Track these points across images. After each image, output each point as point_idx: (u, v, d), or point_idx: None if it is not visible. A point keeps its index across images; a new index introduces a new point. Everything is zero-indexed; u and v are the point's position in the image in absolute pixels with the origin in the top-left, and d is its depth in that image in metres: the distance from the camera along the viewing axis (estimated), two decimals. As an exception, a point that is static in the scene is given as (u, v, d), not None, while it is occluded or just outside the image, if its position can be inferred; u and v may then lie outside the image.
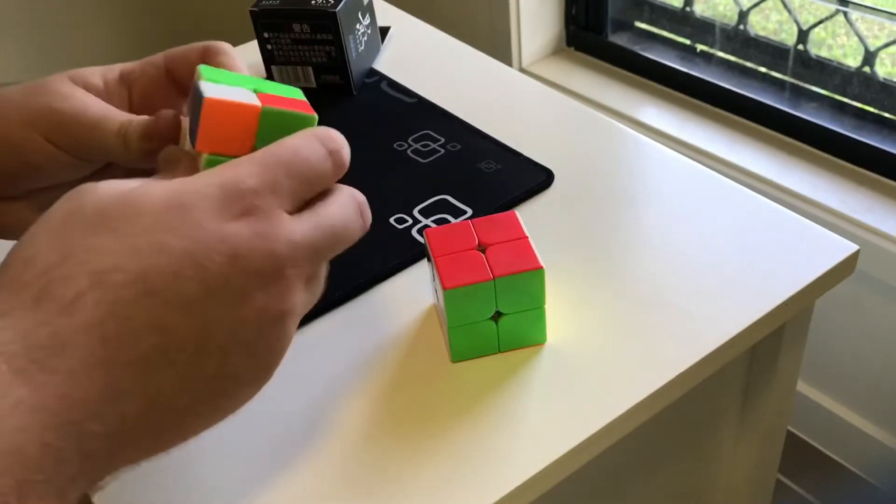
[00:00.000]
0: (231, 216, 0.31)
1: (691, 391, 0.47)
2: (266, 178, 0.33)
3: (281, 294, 0.32)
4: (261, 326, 0.32)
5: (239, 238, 0.31)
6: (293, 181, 0.33)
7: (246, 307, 0.31)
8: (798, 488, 1.29)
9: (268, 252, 0.31)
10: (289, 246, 0.32)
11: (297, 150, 0.34)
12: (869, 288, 1.13)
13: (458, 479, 0.42)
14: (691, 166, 0.60)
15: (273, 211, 0.32)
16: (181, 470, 0.44)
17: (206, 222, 0.31)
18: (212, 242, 0.31)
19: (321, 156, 0.35)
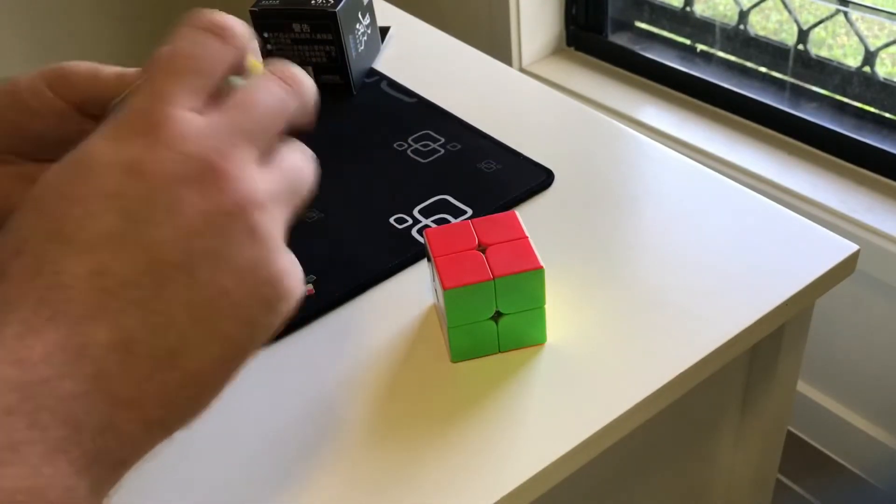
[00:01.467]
0: (129, 140, 0.29)
1: (691, 391, 0.47)
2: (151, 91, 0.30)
3: (221, 188, 0.29)
4: (218, 229, 0.29)
5: (143, 154, 0.29)
6: (179, 79, 0.30)
7: (184, 215, 0.28)
8: (798, 488, 1.29)
9: (180, 153, 0.29)
10: (203, 137, 0.29)
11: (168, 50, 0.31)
12: (869, 288, 1.13)
13: (459, 479, 0.42)
14: (691, 166, 0.60)
15: (171, 116, 0.29)
16: (181, 470, 0.44)
17: (105, 157, 0.29)
18: (117, 171, 0.28)
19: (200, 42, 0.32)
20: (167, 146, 0.29)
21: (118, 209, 0.28)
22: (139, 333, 0.28)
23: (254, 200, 0.30)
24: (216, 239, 0.29)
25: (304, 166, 0.34)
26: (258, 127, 0.31)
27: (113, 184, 0.28)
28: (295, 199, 0.33)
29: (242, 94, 0.32)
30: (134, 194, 0.28)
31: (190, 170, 0.29)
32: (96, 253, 0.28)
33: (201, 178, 0.29)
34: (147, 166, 0.28)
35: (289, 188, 0.32)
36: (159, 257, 0.28)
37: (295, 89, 0.34)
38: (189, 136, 0.29)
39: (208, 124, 0.30)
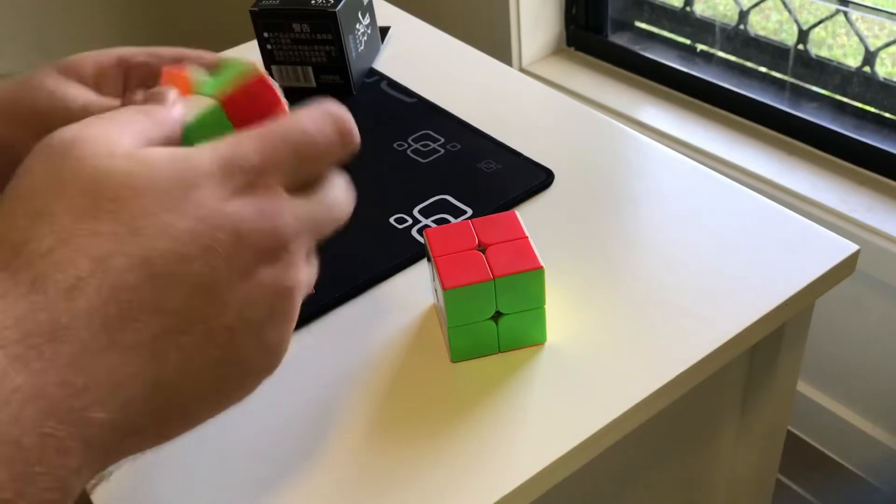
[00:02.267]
0: (232, 192, 0.31)
1: (691, 391, 0.47)
2: (268, 154, 0.32)
3: (286, 270, 0.31)
4: (269, 304, 0.31)
5: (242, 215, 0.30)
6: (296, 158, 0.33)
7: (252, 285, 0.30)
8: (798, 488, 1.29)
9: (272, 228, 0.31)
10: (292, 221, 0.32)
11: (304, 127, 0.33)
12: (869, 288, 1.13)
13: (459, 479, 0.42)
14: (691, 166, 0.60)
15: (275, 188, 0.32)
16: (181, 470, 0.44)
17: (209, 200, 0.30)
18: (216, 221, 0.30)
19: (330, 136, 0.34)
20: (268, 216, 0.31)
21: (206, 261, 0.29)
22: (171, 375, 0.29)
23: (300, 286, 0.33)
24: (262, 312, 0.31)
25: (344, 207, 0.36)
26: (325, 230, 0.34)
27: (210, 233, 0.30)
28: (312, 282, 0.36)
29: (330, 193, 0.35)
30: (223, 251, 0.30)
31: (274, 246, 0.31)
32: (174, 295, 0.29)
33: (278, 257, 0.31)
34: (244, 229, 0.30)
35: (314, 278, 0.35)
36: (218, 315, 0.30)
37: (352, 199, 0.37)
38: (284, 215, 0.31)
39: (303, 211, 0.32)
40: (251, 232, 0.30)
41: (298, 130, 0.33)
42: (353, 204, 0.37)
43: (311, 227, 0.33)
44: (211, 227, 0.29)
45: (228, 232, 0.30)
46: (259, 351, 0.32)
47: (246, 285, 0.30)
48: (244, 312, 0.30)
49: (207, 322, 0.30)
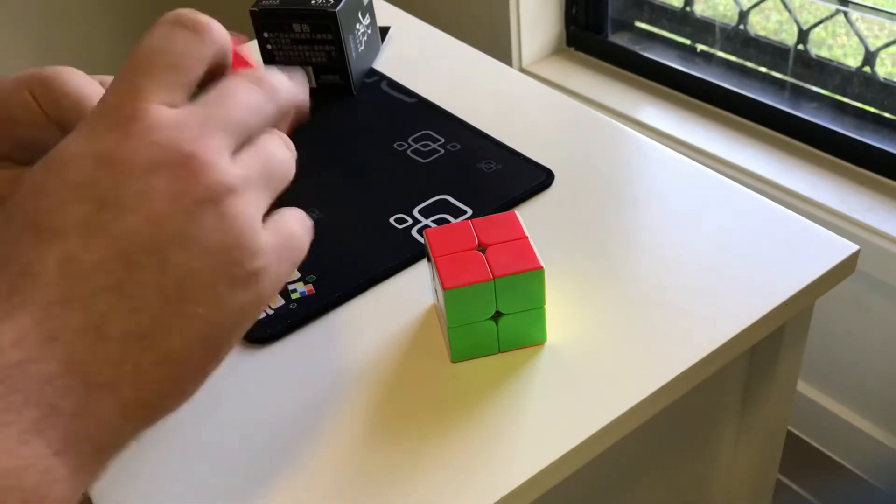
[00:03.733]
0: (101, 134, 0.30)
1: (691, 391, 0.47)
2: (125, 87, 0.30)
3: (191, 173, 0.29)
4: (187, 214, 0.29)
5: (113, 146, 0.29)
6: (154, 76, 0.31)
7: (153, 201, 0.29)
8: (798, 488, 1.29)
9: (150, 142, 0.29)
10: (172, 127, 0.30)
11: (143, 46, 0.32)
12: (869, 288, 1.13)
13: (459, 480, 0.42)
14: (691, 166, 0.60)
15: (141, 110, 0.30)
16: (180, 470, 0.44)
17: (78, 150, 0.29)
18: (87, 162, 0.29)
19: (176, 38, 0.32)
20: (138, 137, 0.29)
21: (88, 198, 0.29)
22: (111, 317, 0.28)
23: (225, 185, 0.30)
24: (186, 224, 0.29)
25: (280, 152, 0.34)
26: (232, 119, 0.31)
27: (83, 175, 0.29)
28: (273, 184, 0.33)
29: (217, 89, 0.32)
30: (104, 183, 0.29)
31: (160, 157, 0.29)
32: (66, 241, 0.28)
33: (171, 165, 0.29)
34: (117, 156, 0.29)
35: (264, 173, 0.32)
36: (129, 243, 0.28)
37: (270, 93, 0.34)
38: (160, 127, 0.29)
39: (181, 115, 0.30)
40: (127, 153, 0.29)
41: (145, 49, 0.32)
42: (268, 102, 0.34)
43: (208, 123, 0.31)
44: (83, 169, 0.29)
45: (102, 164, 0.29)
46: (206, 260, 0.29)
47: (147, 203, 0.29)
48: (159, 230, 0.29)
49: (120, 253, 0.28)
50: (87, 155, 0.29)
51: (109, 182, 0.29)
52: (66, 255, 0.28)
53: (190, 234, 0.29)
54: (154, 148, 0.29)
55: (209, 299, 0.30)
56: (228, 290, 0.30)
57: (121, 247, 0.28)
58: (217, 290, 0.30)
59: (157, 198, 0.29)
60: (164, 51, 0.32)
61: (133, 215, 0.29)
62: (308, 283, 0.53)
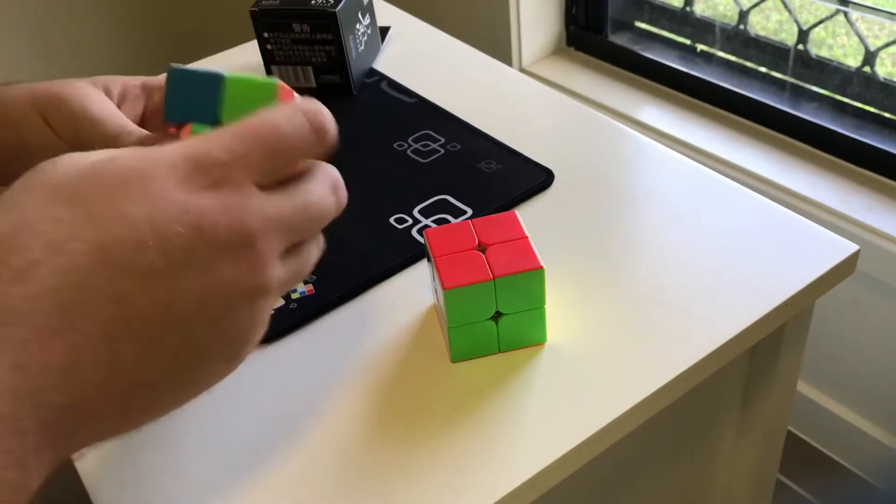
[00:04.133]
0: (198, 187, 0.30)
1: (691, 391, 0.47)
2: (237, 151, 0.31)
3: (251, 269, 0.31)
4: (229, 302, 0.31)
5: (204, 209, 0.30)
6: (267, 155, 0.32)
7: (212, 280, 0.30)
8: (798, 488, 1.29)
9: (236, 224, 0.30)
10: (259, 219, 0.31)
11: (275, 124, 0.33)
12: (869, 288, 1.13)
13: (459, 480, 0.42)
14: (691, 166, 0.60)
15: (243, 184, 0.31)
16: (179, 469, 0.44)
17: (171, 192, 0.30)
18: (175, 213, 0.29)
19: (303, 132, 0.33)
20: (233, 211, 0.30)
21: (163, 250, 0.29)
22: (128, 363, 0.29)
23: (268, 288, 0.32)
24: (223, 309, 0.31)
25: (315, 257, 0.36)
26: (302, 228, 0.34)
27: (168, 225, 0.29)
28: (293, 286, 0.35)
29: (304, 192, 0.34)
30: (181, 243, 0.29)
31: (237, 243, 0.30)
32: (128, 282, 0.29)
33: (242, 255, 0.31)
34: (205, 222, 0.30)
35: (296, 278, 0.35)
36: (175, 306, 0.30)
37: (340, 203, 0.36)
38: (251, 213, 0.31)
39: (273, 209, 0.32)
40: (213, 226, 0.30)
41: (270, 126, 0.33)
42: (339, 202, 0.36)
43: (284, 225, 0.32)
44: (169, 217, 0.29)
45: (187, 224, 0.29)
46: (219, 346, 0.31)
47: (206, 280, 0.30)
48: (203, 305, 0.30)
49: (164, 312, 0.29)
50: (178, 202, 0.30)
51: (186, 243, 0.29)
52: (122, 297, 0.29)
53: (220, 317, 0.31)
54: (233, 231, 0.30)
55: (207, 371, 0.32)
56: (224, 366, 0.33)
57: (167, 306, 0.29)
58: (216, 366, 0.32)
59: (214, 276, 0.30)
60: (286, 138, 0.33)
61: (190, 283, 0.30)
62: (308, 283, 0.53)
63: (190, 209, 0.30)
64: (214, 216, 0.30)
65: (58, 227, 0.28)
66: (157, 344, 0.30)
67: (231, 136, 0.32)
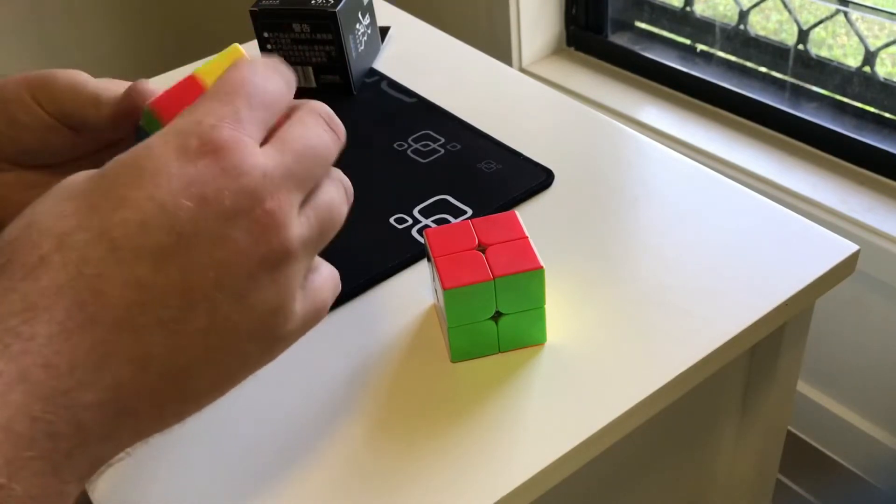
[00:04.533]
0: (194, 156, 0.29)
1: (691, 391, 0.47)
2: (222, 111, 0.30)
3: (265, 232, 0.30)
4: (249, 270, 0.29)
5: (205, 177, 0.29)
6: (249, 108, 0.31)
7: (226, 251, 0.29)
8: (798, 488, 1.29)
9: (240, 187, 0.29)
10: (262, 178, 0.30)
11: (245, 77, 0.32)
12: (869, 288, 1.13)
13: (459, 480, 0.42)
14: (691, 166, 0.60)
15: (238, 143, 0.30)
16: (179, 469, 0.44)
17: (167, 166, 0.29)
18: (176, 186, 0.28)
19: (271, 77, 0.33)
20: (230, 176, 0.29)
21: (170, 227, 0.28)
22: (157, 350, 0.28)
23: (288, 251, 0.30)
24: (244, 279, 0.29)
25: (339, 198, 0.34)
26: (308, 174, 0.32)
27: (171, 200, 0.28)
28: (325, 238, 0.33)
29: (298, 137, 0.32)
30: (188, 216, 0.28)
31: (243, 207, 0.29)
32: (140, 265, 0.28)
33: (250, 218, 0.29)
34: (208, 192, 0.29)
35: (322, 230, 0.33)
36: (193, 283, 0.28)
37: (339, 135, 0.35)
38: (250, 171, 0.29)
39: (268, 163, 0.30)
40: (217, 193, 0.29)
41: (241, 80, 0.32)
42: (337, 136, 0.34)
43: (288, 176, 0.31)
44: (171, 192, 0.28)
45: (191, 196, 0.28)
46: (249, 318, 0.30)
47: (220, 251, 0.29)
48: (222, 278, 0.29)
49: (184, 292, 0.28)
50: (178, 177, 0.29)
51: (193, 216, 0.28)
52: (136, 281, 0.28)
53: (243, 289, 0.29)
54: (241, 196, 0.29)
55: (238, 353, 0.30)
56: (255, 347, 0.31)
57: (185, 285, 0.28)
58: (247, 346, 0.31)
59: (229, 247, 0.29)
60: (263, 88, 0.32)
61: (204, 257, 0.28)
62: (308, 283, 0.53)
63: (192, 180, 0.29)
64: (217, 183, 0.29)
65: (63, 221, 0.28)
66: (182, 327, 0.28)
67: (210, 99, 0.31)
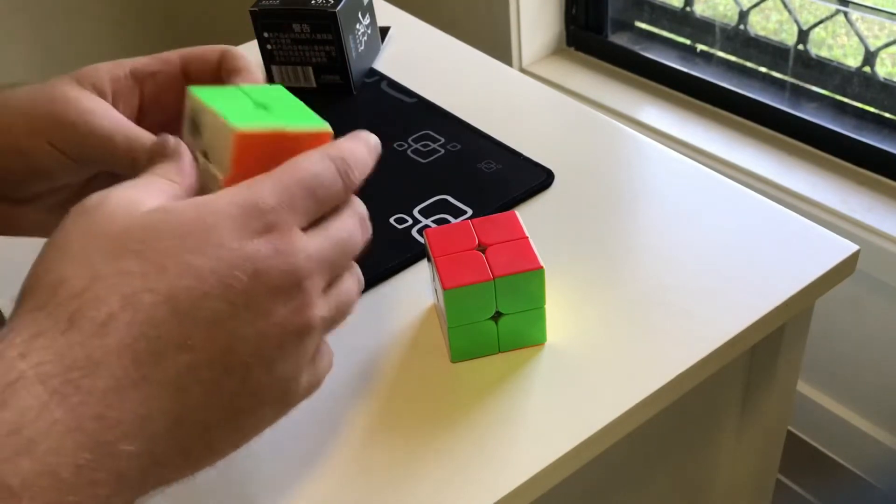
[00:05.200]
0: (252, 234, 0.32)
1: (691, 391, 0.47)
2: (284, 197, 0.34)
3: (300, 308, 0.33)
4: (281, 341, 0.33)
5: (260, 255, 0.32)
6: (308, 200, 0.34)
7: (268, 322, 0.32)
8: (798, 488, 1.29)
9: (287, 267, 0.32)
10: (306, 260, 0.33)
11: (312, 170, 0.35)
12: (869, 288, 1.13)
13: (459, 480, 0.42)
14: (691, 166, 0.60)
15: (290, 227, 0.33)
16: (181, 470, 0.44)
17: (229, 241, 0.32)
18: (235, 261, 0.31)
19: (333, 175, 0.36)
20: (284, 255, 0.33)
21: (225, 297, 0.31)
22: (192, 408, 0.31)
23: (311, 327, 0.34)
24: (276, 349, 0.33)
25: (354, 292, 0.38)
26: (338, 263, 0.36)
27: (229, 273, 0.31)
28: (335, 326, 0.37)
29: (338, 230, 0.36)
30: (241, 288, 0.31)
31: (289, 284, 0.32)
32: (196, 331, 0.30)
33: (293, 295, 0.33)
34: (262, 267, 0.32)
35: (334, 318, 0.36)
36: (235, 349, 0.31)
37: (367, 236, 0.38)
38: (296, 253, 0.33)
39: (309, 246, 0.34)
40: (268, 270, 0.32)
41: (306, 171, 0.35)
42: (365, 235, 0.38)
43: (325, 263, 0.35)
44: (230, 265, 0.31)
45: (247, 271, 0.31)
46: (272, 384, 0.33)
47: (262, 322, 0.32)
48: (259, 348, 0.32)
49: (226, 357, 0.31)
50: (236, 250, 0.32)
51: (246, 289, 0.31)
52: (190, 345, 0.30)
53: (273, 357, 0.33)
54: (287, 274, 0.32)
55: (257, 415, 0.33)
56: (270, 410, 0.34)
57: (228, 351, 0.31)
58: (265, 409, 0.34)
59: (270, 319, 0.32)
60: (321, 183, 0.35)
61: (249, 326, 0.32)
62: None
63: (248, 256, 0.32)
64: (269, 261, 0.32)
65: (129, 281, 0.30)
66: (217, 388, 0.31)
67: (275, 183, 0.34)
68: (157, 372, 0.30)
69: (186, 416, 0.31)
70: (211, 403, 0.31)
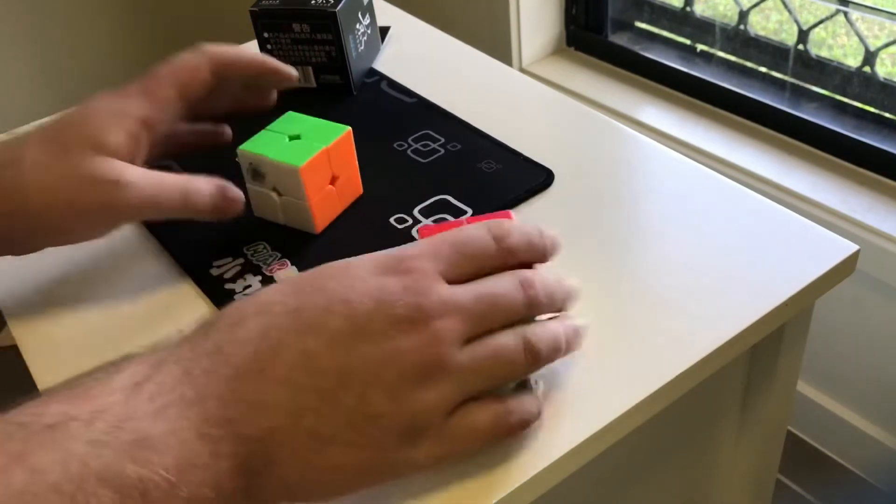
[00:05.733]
0: (388, 273, 0.36)
1: (691, 391, 0.47)
2: (427, 249, 0.37)
3: (427, 344, 0.34)
4: (402, 371, 0.34)
5: (388, 288, 0.35)
6: (455, 254, 0.37)
7: (387, 349, 0.34)
8: (798, 488, 1.29)
9: (413, 302, 0.35)
10: (435, 301, 0.35)
11: (463, 232, 0.38)
12: (869, 288, 1.13)
13: (458, 479, 0.42)
14: (691, 166, 0.60)
15: (429, 273, 0.36)
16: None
17: (365, 275, 0.36)
18: (364, 288, 0.35)
19: (485, 236, 0.39)
20: (409, 292, 0.35)
21: (348, 317, 0.34)
22: (307, 412, 0.33)
23: (444, 364, 0.35)
24: (397, 377, 0.34)
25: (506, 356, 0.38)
26: (483, 316, 0.37)
27: (356, 298, 0.35)
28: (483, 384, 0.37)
29: (486, 286, 0.38)
30: (364, 311, 0.35)
31: (412, 317, 0.35)
32: (314, 339, 0.34)
33: (416, 328, 0.35)
34: (386, 298, 0.35)
35: (478, 372, 0.36)
36: (352, 366, 0.34)
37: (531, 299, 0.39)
38: (428, 294, 0.35)
39: (446, 293, 0.36)
40: (394, 302, 0.35)
41: (461, 233, 0.38)
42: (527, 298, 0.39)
43: (462, 311, 0.36)
44: (358, 292, 0.35)
45: (373, 297, 0.35)
46: (392, 411, 0.34)
47: (383, 346, 0.34)
48: (378, 372, 0.34)
49: (343, 371, 0.34)
50: (370, 281, 0.36)
51: (369, 312, 0.35)
52: (306, 350, 0.34)
53: (394, 385, 0.34)
54: (413, 309, 0.35)
55: (377, 441, 0.35)
56: (395, 442, 0.35)
57: (346, 366, 0.34)
58: (388, 440, 0.35)
59: (390, 345, 0.34)
60: (471, 242, 0.38)
61: (368, 348, 0.34)
62: (308, 283, 0.53)
63: (378, 287, 0.35)
64: (396, 294, 0.35)
65: (270, 296, 0.36)
66: (333, 400, 0.34)
67: (425, 241, 0.38)
68: (272, 369, 0.33)
69: (301, 418, 0.33)
70: (327, 412, 0.33)
